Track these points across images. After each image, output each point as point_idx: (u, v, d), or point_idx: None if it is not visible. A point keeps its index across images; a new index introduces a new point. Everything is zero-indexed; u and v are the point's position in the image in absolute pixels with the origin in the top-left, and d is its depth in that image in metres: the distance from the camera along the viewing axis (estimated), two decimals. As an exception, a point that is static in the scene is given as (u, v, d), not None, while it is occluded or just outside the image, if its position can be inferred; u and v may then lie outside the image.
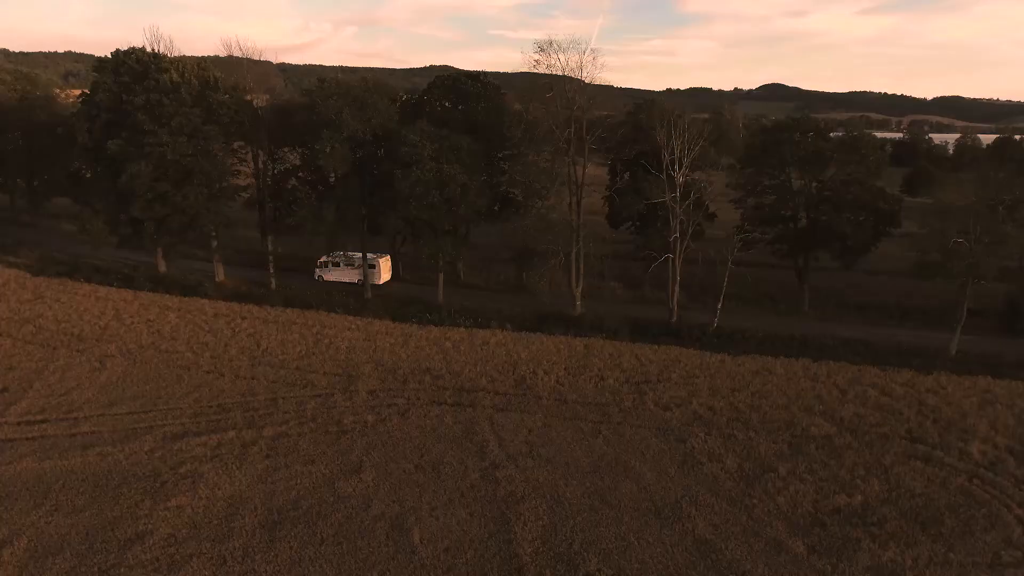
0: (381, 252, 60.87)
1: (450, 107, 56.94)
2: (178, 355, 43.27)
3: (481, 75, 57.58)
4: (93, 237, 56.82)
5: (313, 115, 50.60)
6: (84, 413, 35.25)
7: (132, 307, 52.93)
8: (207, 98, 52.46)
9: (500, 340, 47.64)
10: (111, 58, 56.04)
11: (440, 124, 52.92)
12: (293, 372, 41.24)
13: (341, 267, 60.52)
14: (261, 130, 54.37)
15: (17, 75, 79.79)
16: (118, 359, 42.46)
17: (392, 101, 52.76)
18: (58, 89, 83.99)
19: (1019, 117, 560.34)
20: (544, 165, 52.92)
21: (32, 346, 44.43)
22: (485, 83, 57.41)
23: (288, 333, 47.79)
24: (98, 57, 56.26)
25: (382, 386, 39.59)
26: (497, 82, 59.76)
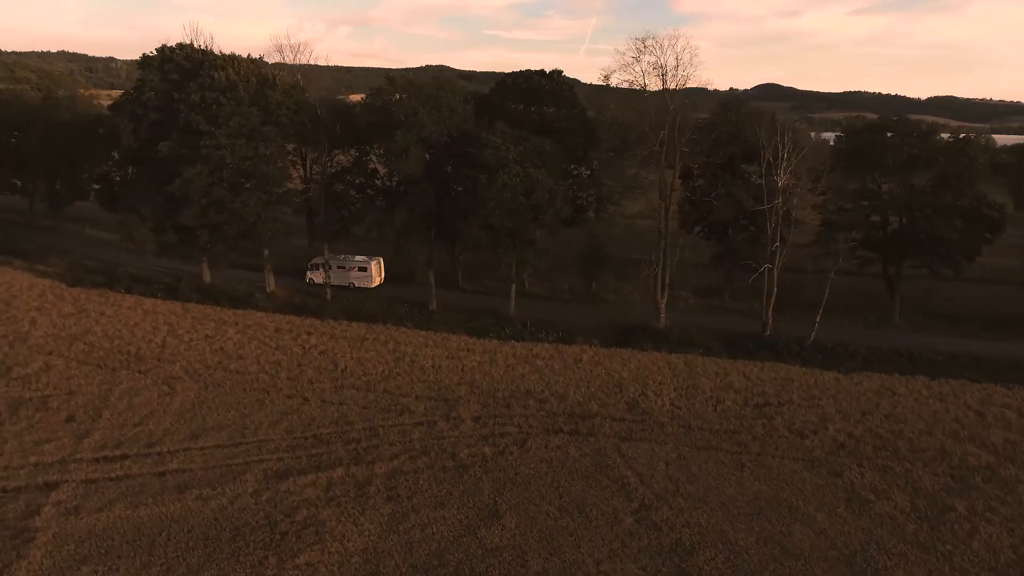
0: (372, 255, 58.25)
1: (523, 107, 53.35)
2: (251, 376, 39.57)
3: (556, 73, 54.10)
4: (138, 245, 52.85)
5: (383, 115, 46.92)
6: (167, 447, 31.53)
7: (185, 321, 49.09)
8: (265, 97, 48.65)
9: (593, 357, 44.21)
10: (157, 54, 52.16)
11: (512, 126, 49.42)
12: (382, 395, 37.64)
13: (333, 269, 57.59)
14: (320, 132, 50.62)
15: (41, 74, 75.58)
16: (187, 382, 38.71)
17: (464, 101, 49.30)
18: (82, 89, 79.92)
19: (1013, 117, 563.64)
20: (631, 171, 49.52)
21: (88, 367, 40.57)
22: (560, 82, 53.87)
23: (363, 350, 44.15)
24: (144, 54, 52.42)
25: (486, 411, 36.08)
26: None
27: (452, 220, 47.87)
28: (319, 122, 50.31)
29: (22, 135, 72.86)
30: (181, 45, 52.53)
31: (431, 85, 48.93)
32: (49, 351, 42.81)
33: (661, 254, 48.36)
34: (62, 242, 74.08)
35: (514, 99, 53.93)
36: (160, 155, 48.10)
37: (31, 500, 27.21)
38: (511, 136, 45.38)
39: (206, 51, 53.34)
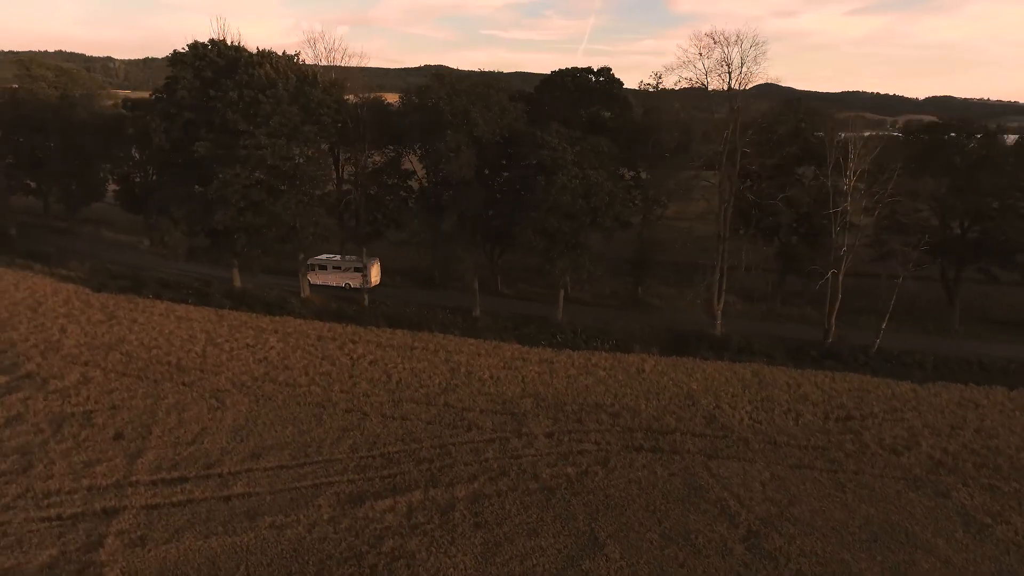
0: (369, 256, 56.39)
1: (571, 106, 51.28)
2: (302, 389, 37.46)
3: (605, 71, 52.07)
4: (170, 249, 50.63)
5: (430, 114, 44.81)
6: (228, 467, 29.42)
7: (222, 329, 46.93)
8: (305, 95, 46.48)
9: (655, 367, 42.23)
10: (189, 50, 49.91)
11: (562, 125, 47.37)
12: (445, 409, 35.59)
13: (328, 270, 56.32)
14: (361, 131, 48.48)
15: (58, 72, 73.22)
16: (236, 395, 36.58)
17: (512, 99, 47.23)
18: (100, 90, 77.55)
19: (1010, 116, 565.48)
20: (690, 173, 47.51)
21: (128, 378, 38.42)
22: (610, 79, 51.84)
23: (414, 360, 42.07)
24: (175, 51, 50.09)
25: (558, 427, 34.06)
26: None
27: (501, 224, 45.68)
28: (359, 121, 48.13)
29: (38, 134, 70.49)
30: (214, 41, 50.35)
31: (481, 83, 46.77)
32: (84, 361, 40.63)
33: (719, 259, 46.36)
34: (79, 245, 71.78)
35: (561, 97, 51.88)
36: (196, 156, 45.85)
37: (91, 529, 25.09)
38: (566, 136, 43.34)
39: (239, 47, 51.26)
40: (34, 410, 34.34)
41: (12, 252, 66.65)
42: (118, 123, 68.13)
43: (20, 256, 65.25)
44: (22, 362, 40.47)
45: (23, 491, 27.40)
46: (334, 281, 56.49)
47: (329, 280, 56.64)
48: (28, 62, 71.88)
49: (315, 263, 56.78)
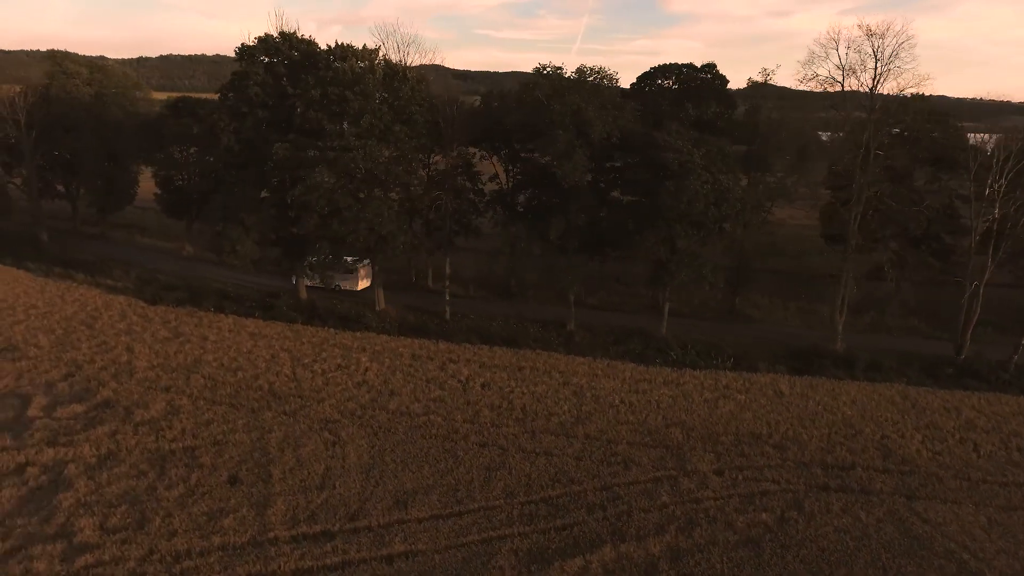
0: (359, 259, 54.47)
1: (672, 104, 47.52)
2: (421, 419, 33.52)
3: (710, 67, 48.35)
4: (242, 260, 46.50)
5: (534, 113, 40.91)
6: (375, 519, 25.49)
7: (304, 347, 42.86)
8: (395, 92, 42.46)
9: (792, 388, 38.59)
10: (259, 43, 45.76)
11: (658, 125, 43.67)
12: (587, 442, 31.75)
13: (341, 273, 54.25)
14: (450, 132, 44.51)
15: (93, 68, 68.60)
16: (349, 427, 32.59)
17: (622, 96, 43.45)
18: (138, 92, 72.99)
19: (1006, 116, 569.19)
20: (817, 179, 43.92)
21: (221, 407, 34.34)
22: (717, 76, 48.11)
23: (530, 383, 38.24)
24: (242, 44, 45.94)
25: (723, 462, 30.34)
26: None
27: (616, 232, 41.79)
28: (449, 120, 44.17)
29: (70, 134, 65.92)
30: (285, 34, 46.25)
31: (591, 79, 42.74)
32: (165, 387, 36.51)
33: (846, 268, 42.83)
34: (115, 251, 67.37)
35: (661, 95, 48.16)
36: (276, 158, 41.78)
37: (245, 604, 21.19)
38: (688, 137, 39.66)
39: (311, 41, 47.22)
40: (127, 447, 30.25)
41: (48, 260, 62.21)
42: (160, 122, 63.72)
43: (57, 264, 60.91)
44: (95, 388, 36.33)
45: (147, 553, 23.38)
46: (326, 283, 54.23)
47: (321, 281, 53.96)
48: (62, 57, 67.38)
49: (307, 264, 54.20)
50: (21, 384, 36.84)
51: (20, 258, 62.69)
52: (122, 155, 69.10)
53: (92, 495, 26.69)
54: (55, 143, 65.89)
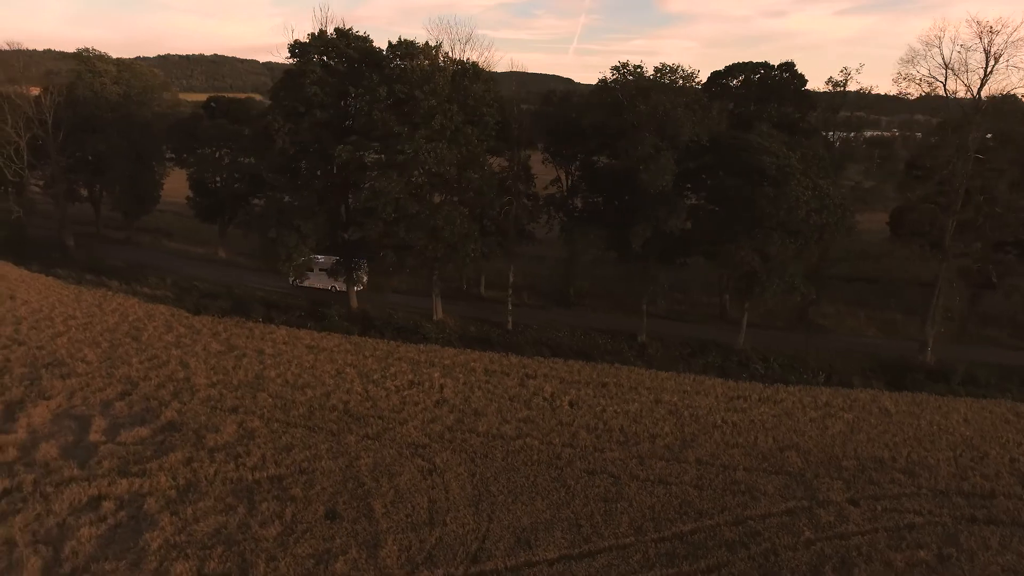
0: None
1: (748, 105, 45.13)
2: (516, 443, 31.09)
3: (788, 66, 46.04)
4: (297, 269, 43.94)
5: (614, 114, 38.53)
6: (501, 561, 23.03)
7: (368, 361, 40.40)
8: (464, 91, 40.00)
9: (897, 406, 36.31)
10: (313, 40, 43.23)
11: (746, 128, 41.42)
12: (702, 468, 29.34)
13: (315, 272, 53.11)
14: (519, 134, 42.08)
15: (122, 67, 65.79)
16: (441, 452, 30.14)
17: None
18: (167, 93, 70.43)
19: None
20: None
21: (298, 430, 31.84)
22: (796, 75, 45.77)
23: (618, 400, 35.89)
24: (296, 40, 43.38)
25: (854, 491, 27.99)
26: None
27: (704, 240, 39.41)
28: (519, 122, 41.75)
29: (96, 135, 63.20)
30: (341, 30, 43.75)
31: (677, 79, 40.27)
32: (232, 407, 34.01)
33: (941, 277, 40.66)
34: (145, 257, 64.77)
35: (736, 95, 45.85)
36: (339, 161, 39.34)
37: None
38: (780, 140, 37.36)
39: (366, 37, 44.79)
40: (206, 476, 27.75)
41: (76, 266, 59.54)
42: (193, 123, 61.18)
43: (87, 270, 58.24)
44: (157, 408, 33.81)
45: (258, 604, 20.99)
46: (320, 284, 53.67)
47: (314, 282, 53.95)
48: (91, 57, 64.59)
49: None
50: (75, 403, 34.32)
51: (47, 264, 60.05)
52: (149, 156, 66.61)
53: (180, 534, 24.24)
54: (81, 144, 63.17)
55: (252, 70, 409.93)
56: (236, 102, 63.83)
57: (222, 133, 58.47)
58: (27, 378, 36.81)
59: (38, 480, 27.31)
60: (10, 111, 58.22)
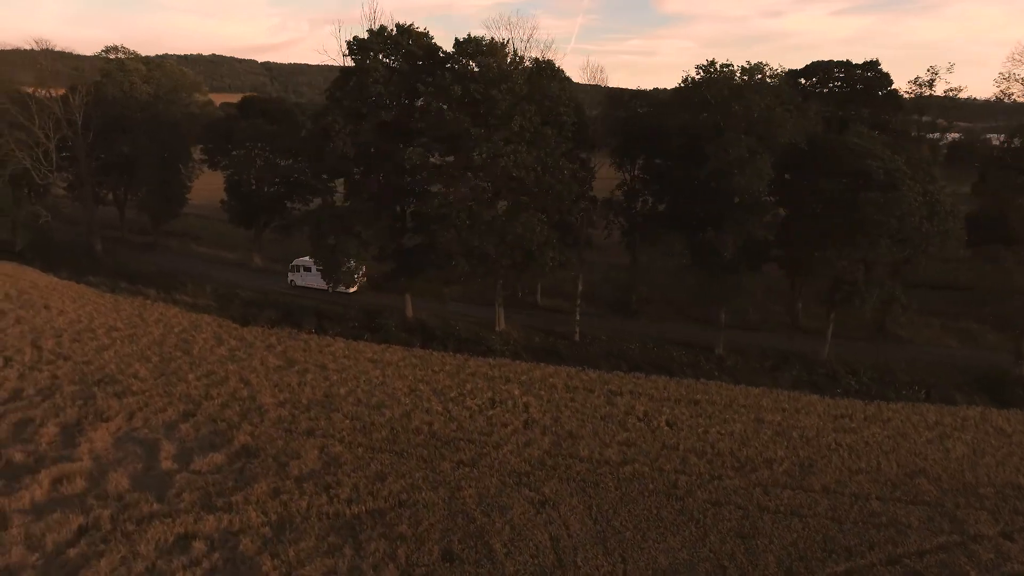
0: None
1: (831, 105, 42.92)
2: (625, 469, 28.67)
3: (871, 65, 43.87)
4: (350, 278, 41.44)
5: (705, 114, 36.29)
6: (650, 610, 20.89)
7: (438, 377, 38.05)
8: (541, 90, 37.66)
9: (1020, 427, 34.19)
10: (373, 37, 40.78)
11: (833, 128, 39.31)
12: (830, 498, 27.04)
13: (312, 272, 53.06)
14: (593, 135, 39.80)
15: (152, 66, 63.22)
16: (547, 480, 27.66)
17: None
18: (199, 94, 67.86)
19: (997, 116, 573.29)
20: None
21: (386, 455, 29.41)
22: (880, 74, 43.56)
23: (718, 420, 33.58)
24: (355, 37, 40.99)
25: (1004, 523, 25.87)
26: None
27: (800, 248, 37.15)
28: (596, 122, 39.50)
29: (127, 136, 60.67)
30: (402, 27, 41.35)
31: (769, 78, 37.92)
32: (307, 429, 31.60)
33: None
34: (176, 262, 62.30)
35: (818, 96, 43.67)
36: (410, 164, 36.97)
37: None
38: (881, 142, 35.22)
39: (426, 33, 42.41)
40: (299, 511, 25.35)
41: (107, 272, 57.04)
42: (229, 124, 58.69)
43: (120, 277, 55.74)
44: (226, 430, 31.39)
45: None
46: (316, 283, 52.96)
47: (311, 282, 53.86)
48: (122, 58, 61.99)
49: (299, 265, 54.88)
50: (136, 425, 31.90)
51: (77, 271, 57.54)
52: (178, 158, 64.14)
53: (288, 581, 21.89)
54: (110, 145, 60.61)
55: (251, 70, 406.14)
56: (272, 102, 61.49)
57: (259, 134, 56.06)
58: (80, 397, 34.39)
59: (115, 516, 24.90)
60: (37, 112, 55.69)
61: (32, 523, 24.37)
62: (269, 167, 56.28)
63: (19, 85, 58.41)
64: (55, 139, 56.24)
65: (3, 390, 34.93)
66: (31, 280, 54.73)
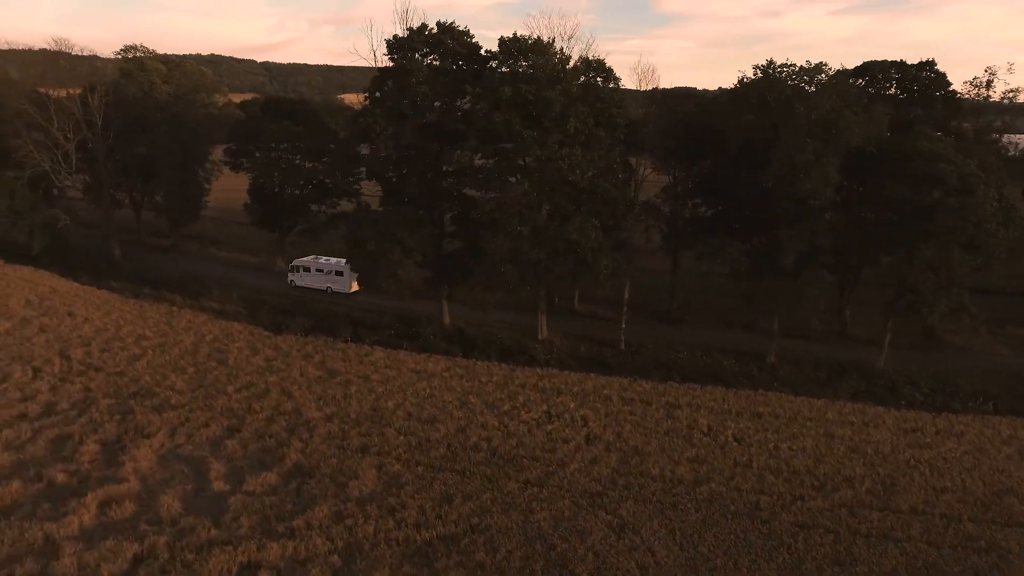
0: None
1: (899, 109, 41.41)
2: (702, 490, 27.22)
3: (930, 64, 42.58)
4: (402, 286, 40.03)
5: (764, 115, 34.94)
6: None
7: (487, 389, 36.59)
8: (594, 91, 36.26)
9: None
10: (414, 35, 39.34)
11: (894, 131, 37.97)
12: (919, 519, 25.74)
13: (312, 272, 54.52)
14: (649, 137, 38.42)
15: (172, 66, 61.58)
16: (620, 501, 26.34)
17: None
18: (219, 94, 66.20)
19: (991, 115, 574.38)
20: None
21: (447, 474, 27.95)
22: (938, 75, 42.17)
23: (786, 435, 32.21)
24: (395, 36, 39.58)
25: (1110, 548, 24.74)
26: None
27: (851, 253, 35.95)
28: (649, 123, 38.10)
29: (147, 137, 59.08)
30: (444, 25, 39.92)
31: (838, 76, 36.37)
32: (361, 446, 30.10)
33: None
34: (197, 267, 60.71)
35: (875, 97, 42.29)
36: (457, 167, 35.58)
37: None
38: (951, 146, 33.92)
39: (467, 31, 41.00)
40: (366, 537, 23.86)
41: (128, 277, 55.47)
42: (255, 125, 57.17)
43: (142, 282, 54.15)
44: (275, 447, 29.90)
45: None
46: (315, 284, 54.29)
47: (311, 282, 54.55)
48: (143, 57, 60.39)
49: (299, 265, 55.15)
50: (179, 442, 30.40)
51: (97, 276, 55.96)
52: (197, 159, 62.58)
53: (367, 616, 20.47)
54: (129, 147, 59.01)
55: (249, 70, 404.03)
56: (297, 103, 60.07)
57: (287, 135, 54.58)
58: (117, 411, 32.89)
59: (171, 544, 23.38)
60: (56, 113, 54.04)
61: (84, 552, 22.87)
62: (294, 169, 54.82)
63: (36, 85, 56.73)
64: (75, 140, 54.59)
65: (36, 404, 33.38)
66: (51, 286, 53.11)
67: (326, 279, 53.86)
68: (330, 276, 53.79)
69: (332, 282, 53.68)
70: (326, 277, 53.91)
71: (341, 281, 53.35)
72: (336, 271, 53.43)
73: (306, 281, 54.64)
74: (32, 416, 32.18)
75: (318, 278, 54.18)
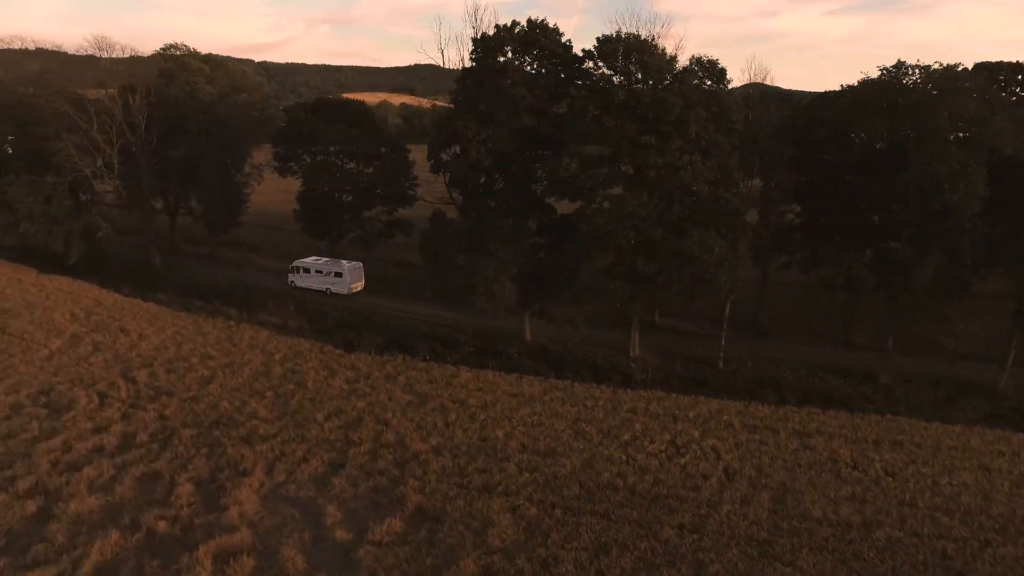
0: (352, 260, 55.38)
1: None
2: (875, 534, 24.83)
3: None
4: (496, 303, 37.20)
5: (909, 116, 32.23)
6: None
7: (597, 415, 33.82)
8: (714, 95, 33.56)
9: None
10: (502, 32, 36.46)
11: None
12: None
13: (311, 273, 54.93)
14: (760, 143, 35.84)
15: (214, 65, 58.44)
16: (790, 549, 23.75)
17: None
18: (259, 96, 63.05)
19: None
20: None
21: (592, 519, 25.03)
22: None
23: (935, 467, 29.46)
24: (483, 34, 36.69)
25: None
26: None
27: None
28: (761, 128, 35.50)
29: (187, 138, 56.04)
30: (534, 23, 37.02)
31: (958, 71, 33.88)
32: (484, 484, 27.25)
33: None
34: (242, 276, 58.06)
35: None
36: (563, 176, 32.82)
37: None
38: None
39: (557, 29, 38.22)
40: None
41: (172, 288, 52.51)
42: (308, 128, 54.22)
43: (189, 294, 51.18)
44: (389, 487, 27.01)
45: None
46: (315, 285, 54.62)
47: (311, 283, 54.90)
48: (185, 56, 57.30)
49: (299, 266, 55.55)
50: (279, 480, 27.49)
51: (138, 286, 52.95)
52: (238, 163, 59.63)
53: None
54: (172, 149, 55.94)
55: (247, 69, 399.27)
56: (348, 104, 57.12)
57: (342, 138, 51.68)
58: (202, 443, 29.96)
59: (310, 609, 20.62)
60: (97, 115, 50.89)
61: (214, 621, 20.03)
62: (347, 174, 51.92)
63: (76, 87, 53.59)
64: (117, 143, 51.45)
65: (111, 435, 30.42)
66: (94, 298, 50.03)
67: (325, 280, 54.17)
68: (329, 277, 54.03)
69: (331, 283, 54.00)
70: (325, 278, 54.19)
71: (340, 283, 53.69)
72: (335, 272, 53.72)
73: (306, 282, 54.92)
74: (110, 450, 29.25)
75: (318, 279, 54.49)
